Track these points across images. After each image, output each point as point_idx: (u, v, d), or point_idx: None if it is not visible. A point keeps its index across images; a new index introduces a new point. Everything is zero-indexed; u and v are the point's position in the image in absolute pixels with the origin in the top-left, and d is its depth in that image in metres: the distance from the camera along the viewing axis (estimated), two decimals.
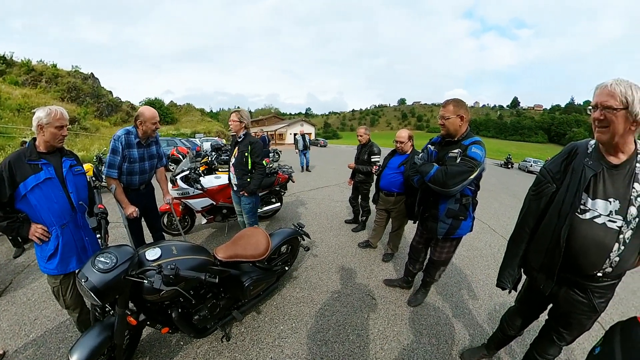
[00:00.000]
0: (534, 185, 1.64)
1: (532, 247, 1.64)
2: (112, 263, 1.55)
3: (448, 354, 2.34)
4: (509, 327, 2.01)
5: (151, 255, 1.78)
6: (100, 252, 1.62)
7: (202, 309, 2.04)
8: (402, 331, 2.56)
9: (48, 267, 1.90)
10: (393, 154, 3.58)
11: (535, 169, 25.63)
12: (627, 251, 1.31)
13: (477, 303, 3.09)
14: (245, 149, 3.27)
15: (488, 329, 2.67)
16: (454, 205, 2.27)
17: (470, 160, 2.05)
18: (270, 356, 2.22)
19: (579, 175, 1.38)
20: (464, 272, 3.74)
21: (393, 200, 3.54)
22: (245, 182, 3.32)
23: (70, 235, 1.93)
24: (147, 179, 2.93)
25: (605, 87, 1.25)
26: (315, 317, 2.66)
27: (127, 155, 2.66)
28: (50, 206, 1.82)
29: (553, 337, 1.71)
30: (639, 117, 1.19)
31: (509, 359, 2.32)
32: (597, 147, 1.40)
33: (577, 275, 1.46)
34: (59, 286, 1.97)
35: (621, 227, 1.29)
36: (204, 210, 4.39)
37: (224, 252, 2.22)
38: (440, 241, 2.50)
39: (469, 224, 2.37)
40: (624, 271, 1.41)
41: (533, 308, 1.86)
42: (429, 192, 2.35)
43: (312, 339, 2.40)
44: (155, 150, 2.95)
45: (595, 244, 1.34)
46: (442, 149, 2.31)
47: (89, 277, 1.49)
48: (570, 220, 1.38)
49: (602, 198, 1.33)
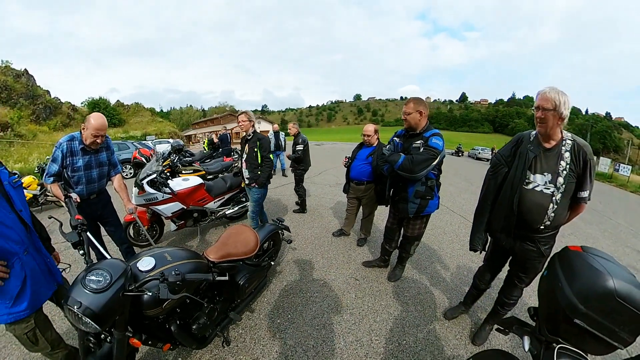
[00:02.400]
0: (491, 167, 2.08)
1: (493, 215, 2.06)
2: (106, 280, 1.35)
3: (433, 316, 2.65)
4: (481, 282, 2.40)
5: (144, 266, 1.62)
6: (87, 270, 1.40)
7: (200, 316, 1.91)
8: (389, 304, 2.79)
9: (16, 310, 1.51)
10: (361, 146, 3.84)
11: (482, 156, 28.23)
12: (559, 208, 1.77)
13: (448, 272, 3.50)
14: (254, 145, 3.58)
15: (461, 290, 3.05)
16: (420, 188, 2.60)
17: (432, 149, 2.41)
18: (275, 350, 2.24)
19: (524, 157, 1.84)
20: (432, 248, 4.18)
21: (363, 188, 3.80)
22: (256, 175, 3.60)
23: (33, 262, 1.61)
24: (97, 188, 2.69)
25: (544, 94, 1.71)
26: (308, 305, 2.74)
27: (70, 164, 2.47)
28: (3, 232, 1.46)
29: (515, 281, 2.13)
30: (563, 115, 1.67)
31: (482, 310, 2.73)
32: (536, 136, 1.86)
33: (527, 230, 1.89)
34: (34, 327, 1.61)
35: (553, 192, 1.75)
36: (174, 215, 4.08)
37: (216, 252, 2.11)
38: (412, 219, 2.79)
39: (435, 203, 2.71)
40: (560, 224, 1.86)
41: (497, 262, 2.26)
42: (398, 178, 2.65)
43: (310, 325, 2.49)
44: (106, 157, 2.73)
45: (536, 205, 1.79)
46: (406, 141, 2.65)
47: (82, 302, 1.27)
48: (520, 190, 1.83)
49: (539, 173, 1.79)
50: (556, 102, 1.65)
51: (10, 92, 23.63)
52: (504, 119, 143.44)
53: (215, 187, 4.59)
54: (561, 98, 1.65)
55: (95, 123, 2.44)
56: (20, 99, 23.89)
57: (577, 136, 1.78)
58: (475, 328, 2.49)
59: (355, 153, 3.85)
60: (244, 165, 3.70)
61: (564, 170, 1.72)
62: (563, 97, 1.66)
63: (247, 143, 3.67)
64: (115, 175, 2.88)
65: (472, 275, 2.52)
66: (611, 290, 1.01)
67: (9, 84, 24.10)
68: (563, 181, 1.72)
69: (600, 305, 1.02)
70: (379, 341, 2.31)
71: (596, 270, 1.08)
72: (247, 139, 3.68)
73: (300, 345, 2.27)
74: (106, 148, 2.73)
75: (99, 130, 2.46)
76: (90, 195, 2.64)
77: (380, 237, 4.28)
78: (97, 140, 2.49)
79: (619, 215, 8.35)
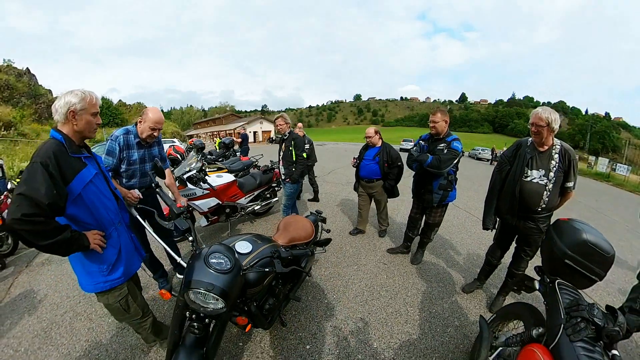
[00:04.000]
0: (497, 165, 2.69)
1: (500, 201, 2.63)
2: (229, 262, 1.45)
3: (454, 291, 3.17)
4: (493, 258, 2.92)
5: (243, 249, 1.77)
6: (206, 253, 1.48)
7: (269, 297, 2.01)
8: (415, 282, 3.29)
9: (113, 277, 1.63)
10: (367, 147, 4.20)
11: (483, 156, 28.57)
12: (551, 195, 2.32)
13: (460, 256, 4.04)
14: (289, 144, 3.93)
15: (473, 271, 3.56)
16: (443, 181, 3.15)
17: (454, 151, 3.01)
18: (330, 324, 2.57)
19: (523, 158, 2.40)
20: (445, 237, 4.70)
21: (374, 185, 4.19)
22: (291, 171, 3.96)
23: (125, 234, 1.76)
24: (149, 182, 2.69)
25: (537, 114, 2.25)
26: (348, 286, 3.17)
27: (126, 157, 2.47)
28: (105, 204, 1.62)
29: (522, 254, 2.65)
30: (554, 128, 2.23)
31: (493, 287, 3.23)
32: (532, 143, 2.42)
33: (527, 212, 2.44)
34: (127, 294, 1.73)
35: (546, 183, 2.30)
36: (209, 210, 4.22)
37: (283, 238, 2.29)
38: (435, 208, 3.33)
39: (454, 194, 3.28)
40: (553, 207, 2.39)
41: (505, 240, 2.81)
42: (424, 174, 3.22)
43: (354, 301, 2.90)
44: (158, 152, 2.76)
45: (534, 192, 2.34)
46: (431, 144, 3.21)
47: (214, 283, 1.35)
48: (520, 182, 2.39)
49: (535, 169, 2.34)
50: (549, 120, 2.21)
51: (13, 92, 23.74)
52: (503, 119, 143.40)
53: (246, 184, 4.82)
54: (552, 116, 2.21)
55: (153, 116, 2.43)
56: (22, 98, 24.02)
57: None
58: (489, 300, 2.99)
59: (363, 154, 4.22)
60: (281, 163, 4.10)
61: (554, 167, 2.28)
62: (553, 115, 2.22)
63: (283, 142, 4.05)
64: (165, 170, 2.83)
65: (480, 259, 3.09)
66: (585, 240, 1.56)
67: (11, 83, 24.19)
68: (553, 175, 2.28)
69: (579, 249, 1.57)
70: (413, 311, 2.79)
71: (576, 229, 1.64)
72: (283, 138, 4.06)
73: (350, 318, 2.66)
74: (157, 142, 2.74)
75: (157, 124, 2.47)
76: (141, 189, 2.62)
77: (397, 229, 4.85)
78: (155, 133, 2.49)
79: (615, 212, 8.77)
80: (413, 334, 2.48)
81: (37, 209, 1.28)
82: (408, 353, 2.29)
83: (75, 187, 1.45)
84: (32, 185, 1.29)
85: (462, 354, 2.29)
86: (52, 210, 1.34)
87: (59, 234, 1.35)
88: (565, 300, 1.45)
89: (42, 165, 1.34)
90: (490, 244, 2.95)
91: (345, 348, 2.33)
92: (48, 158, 1.36)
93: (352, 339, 2.42)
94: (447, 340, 2.43)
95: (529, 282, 1.89)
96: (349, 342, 2.39)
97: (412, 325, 2.60)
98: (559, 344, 1.28)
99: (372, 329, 2.55)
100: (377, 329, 2.54)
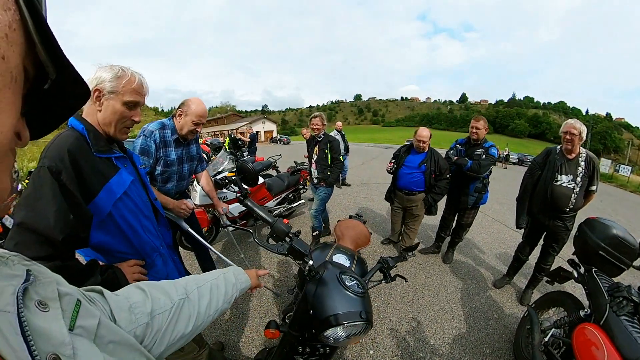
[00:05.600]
0: (529, 170, 3.02)
1: (532, 203, 2.95)
2: (360, 283, 1.29)
3: (486, 286, 3.48)
4: (522, 254, 3.22)
5: (343, 261, 1.74)
6: (337, 274, 1.27)
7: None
8: (452, 280, 3.58)
9: None
10: (408, 151, 3.64)
11: None
12: (578, 197, 2.66)
13: (485, 255, 4.36)
14: (325, 146, 3.65)
15: (499, 268, 3.89)
16: (478, 184, 3.43)
17: (492, 157, 3.29)
18: (385, 326, 2.68)
19: (553, 164, 2.73)
20: (467, 238, 4.90)
21: (415, 198, 3.58)
22: (326, 175, 3.69)
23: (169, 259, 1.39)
24: (185, 186, 2.34)
25: (571, 124, 2.59)
26: (393, 288, 3.28)
27: (163, 157, 2.02)
28: (145, 224, 1.21)
29: (549, 250, 2.95)
30: (583, 137, 2.59)
31: (520, 283, 3.54)
32: (561, 150, 2.74)
33: (557, 212, 2.76)
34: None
35: (574, 187, 2.63)
36: (240, 215, 4.03)
37: (350, 244, 2.14)
38: (468, 209, 3.60)
39: (487, 196, 3.56)
40: (579, 208, 2.71)
41: (534, 238, 3.11)
42: (460, 177, 3.45)
43: (402, 302, 3.06)
44: (196, 150, 2.32)
45: (563, 195, 2.66)
46: (469, 149, 3.48)
47: (365, 310, 1.18)
48: (551, 185, 2.71)
49: (564, 174, 2.67)
50: (580, 130, 2.56)
51: None
52: (504, 119, 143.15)
53: (274, 186, 4.68)
54: (582, 127, 2.57)
55: (197, 109, 1.99)
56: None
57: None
58: (518, 294, 3.31)
59: (403, 159, 3.61)
60: (314, 166, 3.78)
61: (581, 173, 2.61)
62: (583, 127, 2.58)
63: (317, 145, 3.69)
64: (202, 172, 2.48)
65: (503, 256, 3.60)
66: (615, 234, 1.89)
67: None
68: (580, 180, 2.61)
69: (610, 242, 1.90)
70: (456, 307, 3.07)
71: (606, 225, 1.98)
72: (317, 140, 3.69)
73: (404, 319, 2.79)
74: (195, 140, 2.31)
75: (202, 117, 2.04)
76: (176, 195, 2.22)
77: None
78: (198, 129, 2.08)
79: (618, 212, 9.18)
80: (462, 329, 2.75)
81: (46, 249, 0.87)
82: (462, 347, 2.50)
83: (103, 204, 1.04)
84: (36, 210, 0.87)
85: (506, 342, 2.58)
86: (68, 246, 0.91)
87: (83, 280, 0.92)
88: (604, 285, 1.75)
89: (51, 171, 0.91)
90: (514, 242, 3.28)
91: (407, 348, 2.44)
92: (60, 160, 0.94)
93: (410, 339, 2.56)
94: (491, 332, 2.72)
95: (564, 272, 2.20)
96: (408, 342, 2.51)
97: (458, 320, 2.87)
98: (608, 320, 1.56)
99: (425, 327, 2.73)
100: (430, 327, 2.73)
